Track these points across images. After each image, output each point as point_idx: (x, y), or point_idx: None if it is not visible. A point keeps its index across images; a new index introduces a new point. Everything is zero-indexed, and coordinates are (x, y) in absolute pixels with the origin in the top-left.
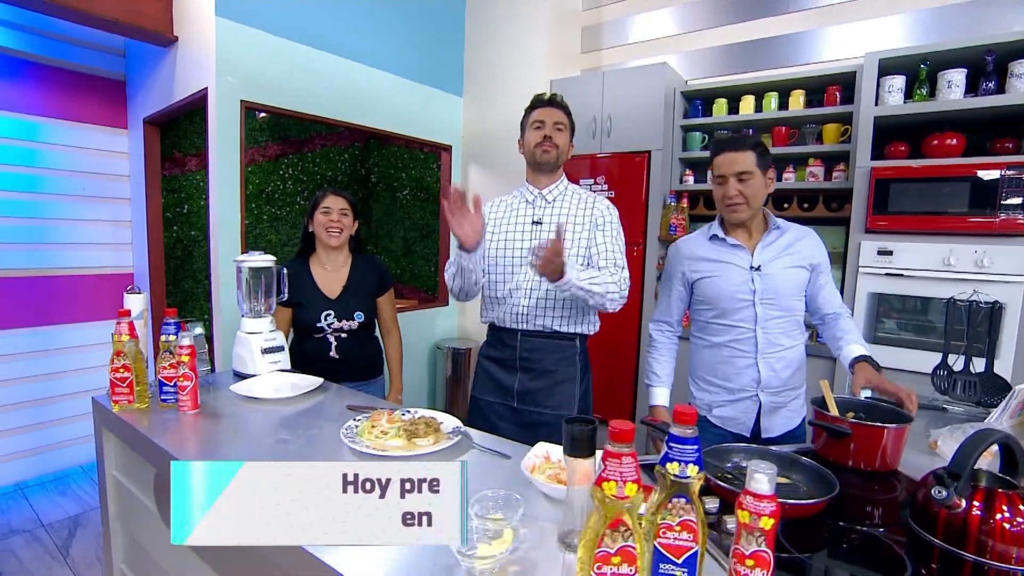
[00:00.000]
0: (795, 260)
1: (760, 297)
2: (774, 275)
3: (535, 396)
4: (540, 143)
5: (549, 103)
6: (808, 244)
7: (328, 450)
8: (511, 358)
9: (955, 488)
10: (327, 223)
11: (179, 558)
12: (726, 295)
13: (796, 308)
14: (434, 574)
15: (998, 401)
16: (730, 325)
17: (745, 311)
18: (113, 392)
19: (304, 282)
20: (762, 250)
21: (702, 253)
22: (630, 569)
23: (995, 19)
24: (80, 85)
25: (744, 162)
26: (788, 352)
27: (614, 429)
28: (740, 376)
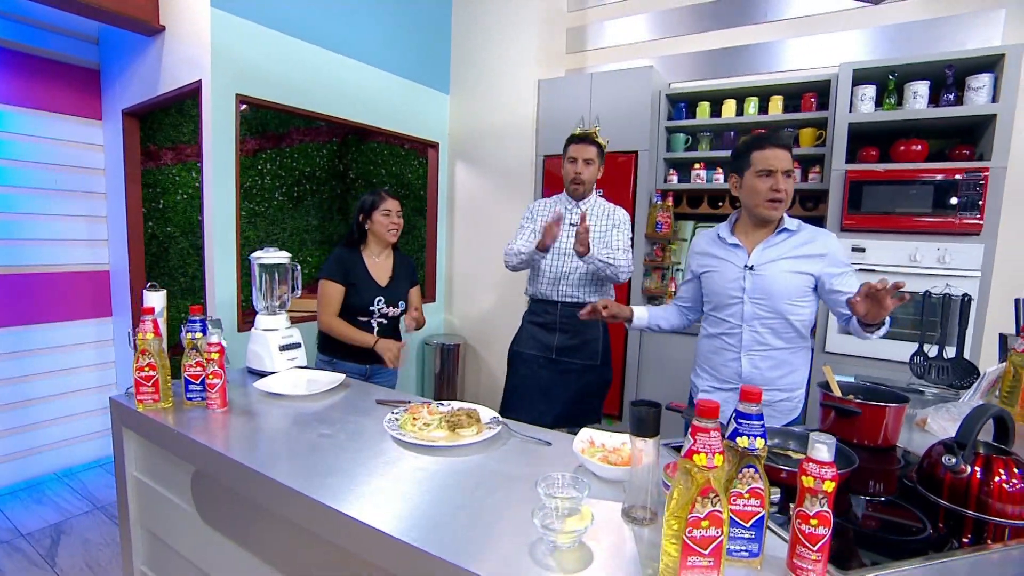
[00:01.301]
0: (795, 265)
1: (750, 295)
2: (768, 276)
3: (569, 351)
4: (572, 180)
5: (581, 140)
6: (818, 249)
7: (373, 442)
8: (552, 322)
9: (962, 455)
10: (389, 224)
11: (212, 552)
12: (719, 290)
13: (790, 311)
14: (521, 548)
15: (968, 383)
16: (722, 319)
17: (735, 307)
18: (138, 391)
19: (359, 268)
20: (761, 251)
21: (708, 249)
22: (717, 531)
23: (952, 36)
24: (50, 73)
25: (788, 160)
26: (777, 352)
27: (701, 406)
28: (725, 368)
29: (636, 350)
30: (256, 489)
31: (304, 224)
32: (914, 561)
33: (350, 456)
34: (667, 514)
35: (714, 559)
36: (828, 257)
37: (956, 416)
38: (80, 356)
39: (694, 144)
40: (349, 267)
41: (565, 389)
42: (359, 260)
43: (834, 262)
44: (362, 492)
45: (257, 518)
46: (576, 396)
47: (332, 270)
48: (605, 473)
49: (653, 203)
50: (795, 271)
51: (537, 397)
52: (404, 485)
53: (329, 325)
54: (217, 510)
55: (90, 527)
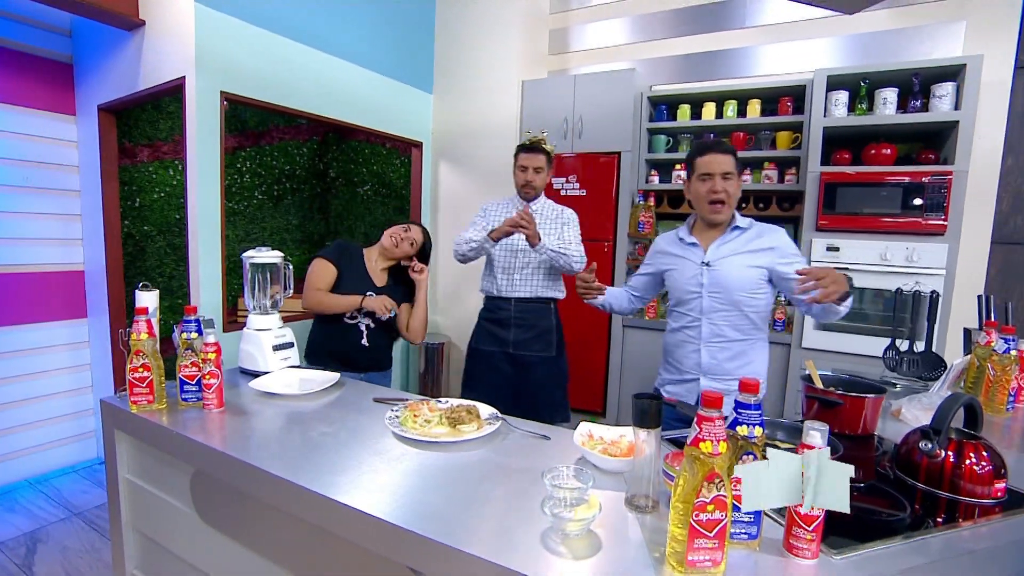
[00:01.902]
0: (748, 259)
1: (708, 290)
2: (723, 271)
3: (525, 344)
4: (523, 186)
5: (531, 149)
6: (767, 243)
7: (375, 439)
8: (507, 317)
9: (937, 441)
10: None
11: (212, 551)
12: (680, 286)
13: (746, 304)
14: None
15: (936, 375)
16: (683, 313)
17: (694, 301)
18: (132, 392)
19: (356, 260)
20: (716, 247)
21: (668, 249)
22: (721, 515)
23: (918, 46)
24: (20, 65)
25: (728, 163)
26: (734, 344)
27: (707, 397)
28: (687, 359)
29: (620, 346)
30: (262, 488)
31: (284, 223)
32: (895, 539)
33: (354, 453)
34: (673, 499)
35: (718, 541)
36: (778, 250)
37: (927, 406)
38: (53, 358)
39: (675, 146)
40: (346, 255)
41: (526, 382)
42: (358, 254)
43: (784, 254)
44: (370, 488)
45: (259, 516)
46: (536, 388)
47: (328, 251)
48: (606, 464)
49: (635, 203)
50: (748, 265)
51: (500, 392)
52: (411, 480)
53: (316, 300)
54: (217, 510)
55: (67, 534)
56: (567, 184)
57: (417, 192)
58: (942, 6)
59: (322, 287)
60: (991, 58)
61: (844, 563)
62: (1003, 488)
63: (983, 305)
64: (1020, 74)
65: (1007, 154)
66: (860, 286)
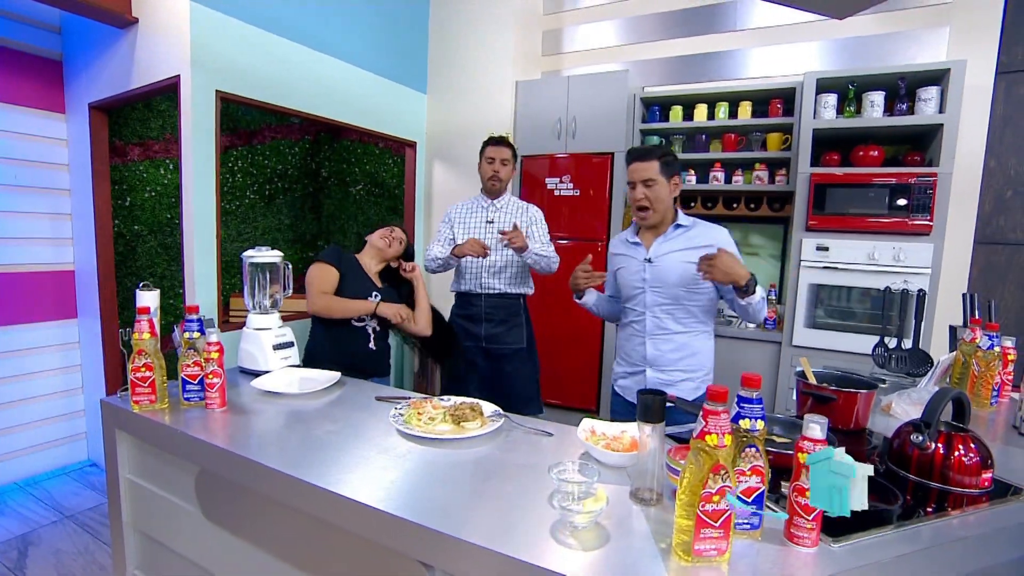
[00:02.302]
0: (690, 256)
1: (650, 285)
2: (663, 267)
3: (497, 337)
4: (490, 177)
5: (498, 142)
6: (706, 240)
7: (380, 437)
8: (478, 313)
9: (928, 434)
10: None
11: (216, 549)
12: (626, 283)
13: (687, 299)
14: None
15: (924, 371)
16: (630, 308)
17: (639, 296)
18: (134, 392)
19: (353, 263)
20: (658, 244)
21: (618, 250)
22: (727, 505)
23: (904, 50)
24: (9, 62)
25: (649, 170)
26: (677, 336)
27: (712, 391)
28: (635, 352)
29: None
30: (271, 486)
31: (276, 223)
32: (890, 528)
33: (360, 451)
34: (680, 490)
35: (724, 530)
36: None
37: (917, 401)
38: (43, 359)
39: (667, 146)
40: (344, 259)
41: (500, 375)
42: (353, 259)
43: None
44: (379, 484)
45: (265, 513)
46: (511, 381)
47: (328, 255)
48: (609, 459)
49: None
50: (687, 260)
51: (479, 386)
52: (418, 476)
53: (325, 304)
54: (222, 508)
55: (60, 537)
56: (560, 184)
57: (411, 192)
58: (927, 12)
59: (328, 291)
60: (973, 63)
61: (842, 551)
62: (990, 478)
63: (968, 303)
64: (1001, 79)
65: (989, 156)
66: (849, 285)
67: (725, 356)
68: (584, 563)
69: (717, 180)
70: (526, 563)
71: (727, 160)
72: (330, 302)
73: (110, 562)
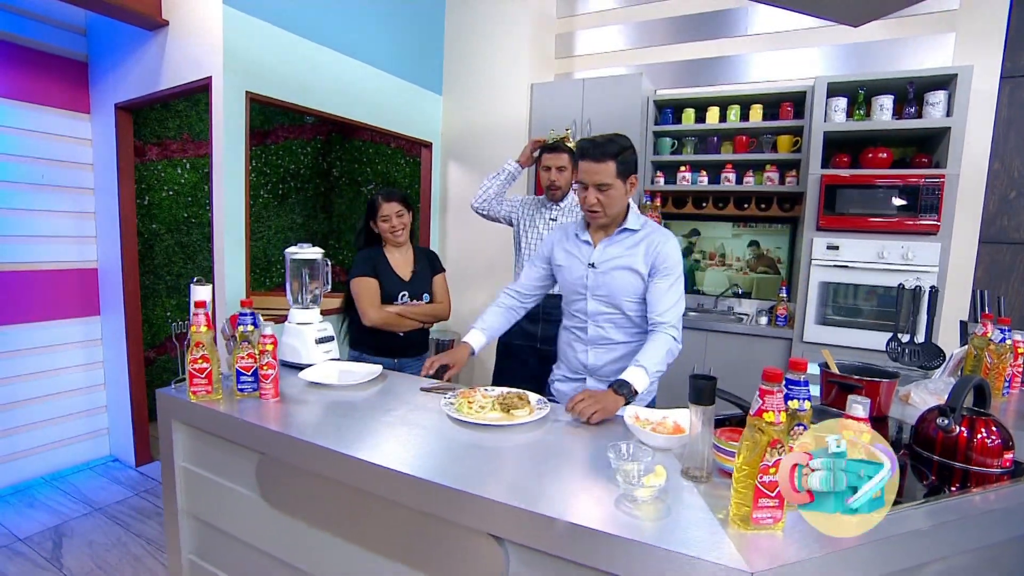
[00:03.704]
0: (628, 262)
1: (592, 292)
2: (607, 273)
3: (552, 339)
4: (548, 186)
5: (553, 148)
6: (649, 248)
7: (436, 425)
8: (536, 312)
9: (953, 417)
10: (390, 229)
11: (278, 533)
12: (568, 285)
13: (630, 308)
14: (606, 504)
15: (936, 364)
16: (572, 313)
17: (580, 303)
18: (192, 383)
19: (382, 263)
20: (603, 248)
21: (563, 243)
22: None
23: (912, 55)
24: (36, 63)
25: (604, 173)
26: (619, 346)
27: (768, 373)
28: (575, 359)
29: None
30: (338, 469)
31: (289, 222)
32: (919, 502)
33: (417, 437)
34: (738, 463)
35: (779, 500)
36: (656, 257)
37: (934, 391)
38: (67, 356)
39: (679, 148)
40: (374, 263)
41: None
42: (381, 256)
43: (658, 263)
44: (442, 465)
45: (331, 498)
46: None
47: (361, 268)
48: (654, 442)
49: (642, 204)
50: (630, 268)
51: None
52: (478, 458)
53: (381, 315)
54: (285, 494)
55: (92, 529)
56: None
57: (427, 192)
58: (933, 18)
59: (377, 303)
60: (978, 68)
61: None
62: (1011, 459)
63: (979, 299)
64: (1005, 83)
65: (993, 159)
66: (858, 283)
67: (738, 352)
68: (651, 532)
69: (729, 181)
70: (597, 530)
71: (738, 161)
72: (385, 316)
73: (144, 552)
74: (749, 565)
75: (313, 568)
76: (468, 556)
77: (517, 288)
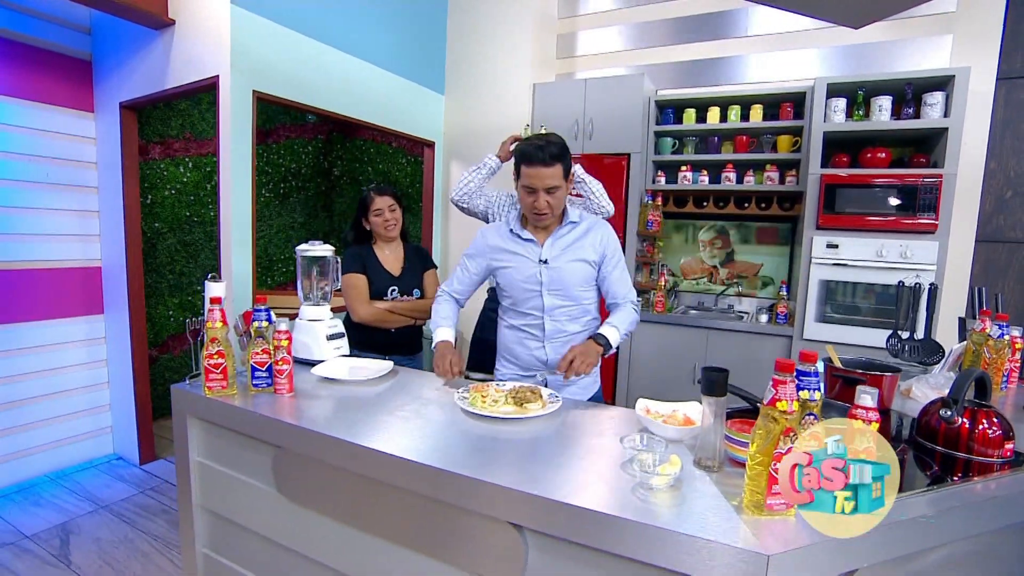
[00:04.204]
0: (580, 254)
1: (547, 288)
2: (561, 267)
3: None
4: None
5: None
6: (596, 239)
7: (450, 417)
8: None
9: (955, 409)
10: (383, 223)
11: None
12: (518, 286)
13: (583, 297)
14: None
15: (936, 360)
16: (523, 312)
17: (534, 300)
18: (207, 378)
19: (371, 260)
20: (551, 244)
21: (502, 245)
22: None
23: (909, 56)
24: (40, 62)
25: (553, 177)
26: (575, 337)
27: (780, 363)
28: (529, 356)
29: (628, 340)
30: (357, 461)
31: (290, 221)
32: (923, 490)
33: (433, 429)
34: (752, 451)
35: None
36: (604, 247)
37: (935, 385)
38: (70, 354)
39: (680, 148)
40: (363, 259)
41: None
42: (371, 253)
43: (608, 252)
44: (460, 455)
45: (349, 490)
46: None
47: (350, 264)
48: (667, 433)
49: (644, 203)
50: (581, 259)
51: None
52: (494, 450)
53: (370, 312)
54: (301, 487)
55: (99, 526)
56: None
57: (429, 191)
58: (931, 20)
59: (366, 299)
60: (975, 70)
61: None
62: (1012, 449)
63: (976, 296)
64: (1001, 84)
65: (990, 158)
66: (857, 281)
67: (739, 350)
68: (668, 517)
69: (729, 180)
70: (616, 516)
71: (739, 161)
72: (373, 312)
73: (151, 549)
74: (765, 548)
75: (330, 560)
76: (487, 544)
77: (453, 293)
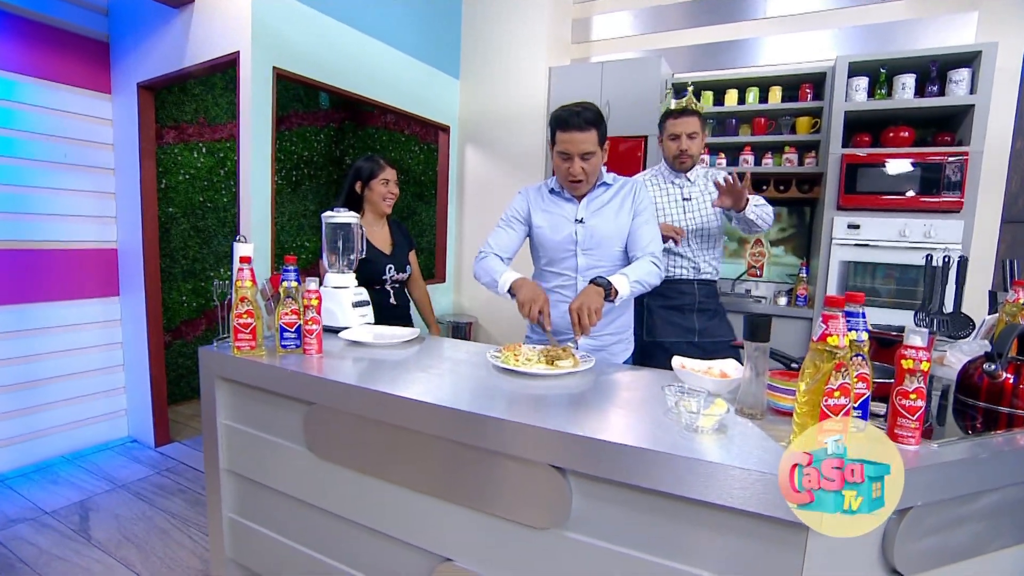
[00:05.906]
0: (615, 212)
1: (582, 247)
2: (596, 226)
3: (710, 331)
4: (678, 155)
5: (680, 114)
6: (629, 197)
7: (481, 375)
8: (690, 303)
9: (1000, 363)
10: (386, 193)
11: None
12: (553, 244)
13: (619, 256)
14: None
15: (966, 333)
16: (557, 272)
17: (569, 260)
18: (236, 338)
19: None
20: (587, 204)
21: (542, 205)
22: (846, 400)
23: (934, 34)
24: (58, 42)
25: (589, 142)
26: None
27: (830, 300)
28: (561, 319)
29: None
30: (397, 413)
31: (302, 208)
32: (969, 437)
33: (468, 384)
34: (801, 388)
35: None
36: (636, 203)
37: (968, 352)
38: (86, 336)
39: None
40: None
41: None
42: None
43: (639, 208)
44: (499, 405)
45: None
46: None
47: None
48: (705, 385)
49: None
50: (616, 217)
51: None
52: (532, 400)
53: None
54: (333, 443)
55: (117, 504)
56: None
57: (444, 176)
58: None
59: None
60: (1002, 46)
61: (942, 449)
62: None
63: (1009, 268)
64: None
65: (1016, 137)
66: (879, 261)
67: None
68: (718, 454)
69: (747, 163)
70: (665, 452)
71: (757, 143)
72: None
73: (170, 526)
74: None
75: (362, 518)
76: (529, 491)
77: (499, 253)
